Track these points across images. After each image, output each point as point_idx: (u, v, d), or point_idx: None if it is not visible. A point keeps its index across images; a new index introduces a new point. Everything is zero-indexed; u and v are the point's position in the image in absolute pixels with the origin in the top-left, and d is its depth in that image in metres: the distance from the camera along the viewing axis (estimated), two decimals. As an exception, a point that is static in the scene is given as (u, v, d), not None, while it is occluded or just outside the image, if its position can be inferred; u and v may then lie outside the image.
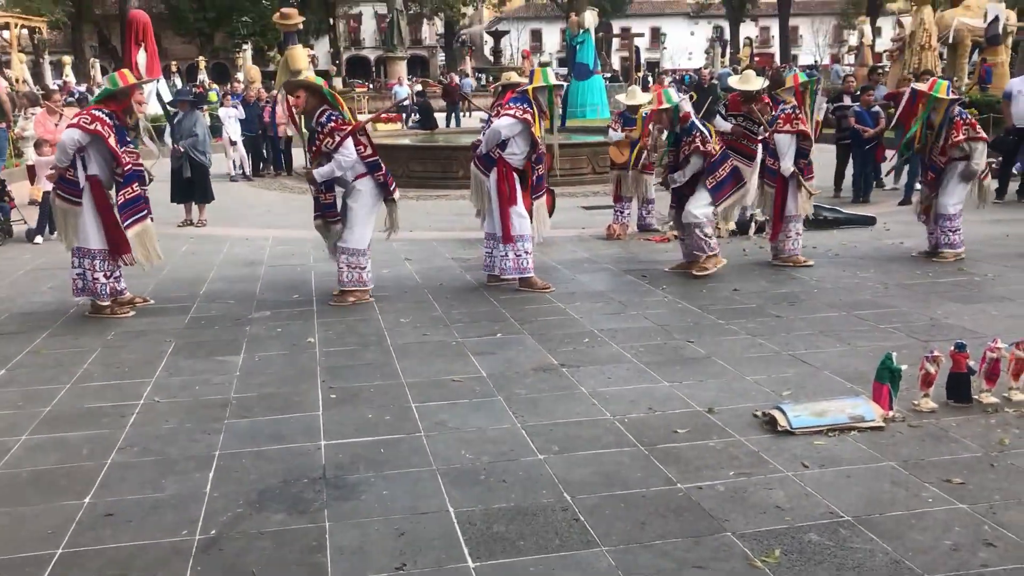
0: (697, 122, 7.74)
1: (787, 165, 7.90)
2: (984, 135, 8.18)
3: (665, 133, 8.21)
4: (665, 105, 7.83)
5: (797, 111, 7.97)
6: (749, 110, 9.94)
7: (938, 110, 8.07)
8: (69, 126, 6.62)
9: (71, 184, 6.60)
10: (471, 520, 3.40)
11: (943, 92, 8.06)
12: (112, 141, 6.47)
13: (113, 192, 6.69)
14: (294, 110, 7.02)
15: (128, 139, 6.77)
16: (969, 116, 8.20)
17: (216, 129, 16.17)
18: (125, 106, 6.72)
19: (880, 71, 14.63)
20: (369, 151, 6.94)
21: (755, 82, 10.13)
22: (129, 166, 6.61)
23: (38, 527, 3.41)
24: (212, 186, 11.62)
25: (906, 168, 11.84)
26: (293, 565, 3.12)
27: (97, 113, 6.53)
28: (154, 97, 12.73)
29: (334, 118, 6.82)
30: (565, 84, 7.89)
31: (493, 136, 7.24)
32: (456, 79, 35.32)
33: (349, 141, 6.78)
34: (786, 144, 7.91)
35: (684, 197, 7.84)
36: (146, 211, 6.81)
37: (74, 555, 3.20)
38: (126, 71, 7.21)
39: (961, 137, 7.96)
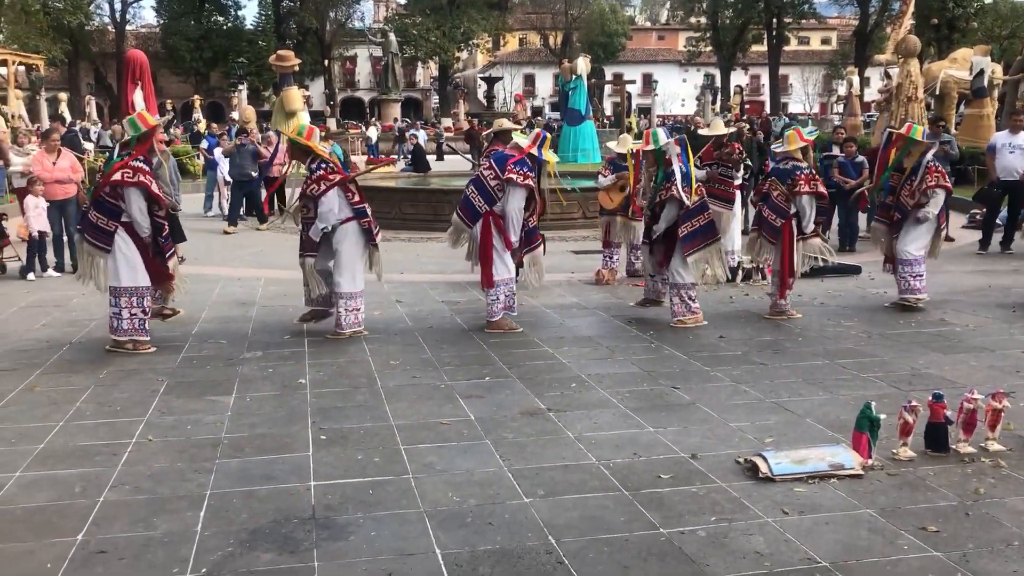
0: (677, 169, 7.74)
1: (810, 226, 7.98)
2: (949, 186, 8.31)
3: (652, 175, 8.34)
4: (650, 146, 7.96)
5: (812, 171, 8.06)
6: (720, 155, 10.20)
7: (912, 154, 8.24)
8: (119, 182, 6.74)
9: (103, 232, 6.81)
10: (457, 562, 3.47)
11: (919, 135, 8.25)
12: (155, 188, 6.78)
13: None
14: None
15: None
16: (941, 166, 8.35)
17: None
18: (149, 147, 7.00)
19: (942, 122, 14.74)
20: (357, 198, 7.24)
21: (722, 128, 10.59)
22: (173, 202, 6.97)
23: (31, 564, 3.47)
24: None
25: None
26: (282, 604, 3.18)
27: (135, 164, 6.76)
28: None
29: (323, 167, 7.15)
30: (556, 157, 8.15)
31: (517, 215, 7.41)
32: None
33: (332, 193, 7.08)
34: (808, 205, 7.93)
35: (657, 240, 7.97)
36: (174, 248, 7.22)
37: (66, 592, 3.26)
38: (144, 113, 7.46)
39: (932, 183, 8.11)
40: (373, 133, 34.60)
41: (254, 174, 15.61)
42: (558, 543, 3.62)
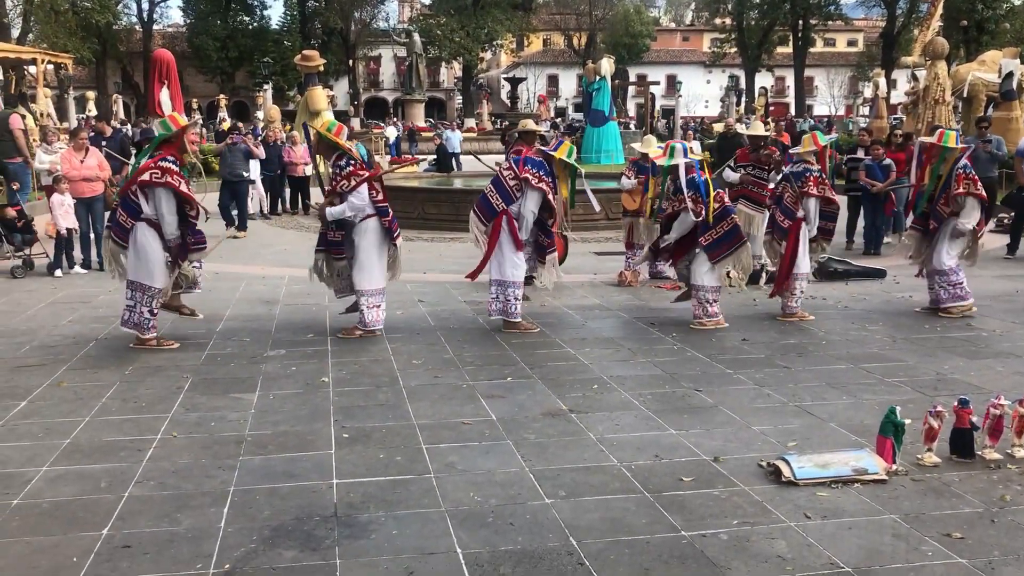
0: (698, 179, 7.70)
1: (814, 230, 7.98)
2: (983, 193, 8.21)
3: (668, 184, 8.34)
4: (663, 161, 7.96)
5: (823, 175, 8.04)
6: (757, 159, 10.18)
7: (948, 160, 8.15)
8: (147, 183, 6.80)
9: (122, 228, 6.92)
10: (478, 562, 3.48)
11: (952, 142, 8.16)
12: (184, 187, 6.80)
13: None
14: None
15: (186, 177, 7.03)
16: (972, 172, 8.25)
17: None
18: (180, 147, 7.01)
19: (985, 123, 14.19)
20: (381, 196, 7.29)
21: (761, 130, 10.60)
22: (202, 206, 7.00)
23: (57, 557, 3.51)
24: None
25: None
26: (304, 601, 3.20)
27: (163, 164, 6.79)
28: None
29: (352, 163, 7.18)
30: (580, 170, 8.13)
31: (530, 218, 7.50)
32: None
33: (364, 187, 7.11)
34: (813, 208, 7.93)
35: (685, 250, 7.96)
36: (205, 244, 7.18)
37: (92, 586, 3.29)
38: (175, 114, 7.52)
39: (961, 190, 8.03)
40: (392, 133, 34.79)
41: (245, 174, 15.03)
42: (579, 544, 3.62)
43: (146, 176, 6.80)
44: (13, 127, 12.57)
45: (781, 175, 8.98)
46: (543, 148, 7.81)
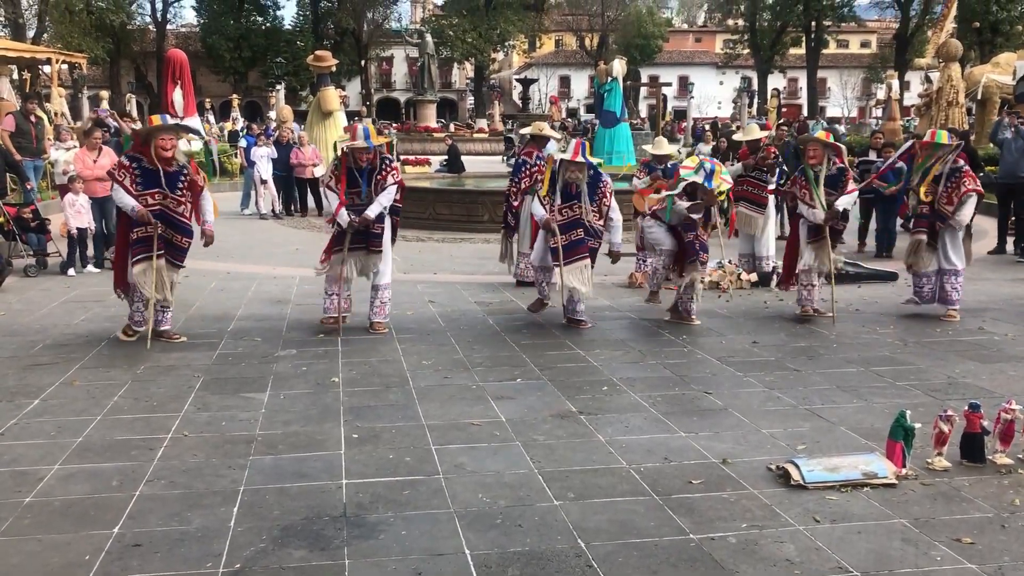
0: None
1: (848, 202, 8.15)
2: (981, 189, 8.18)
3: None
4: (692, 179, 7.96)
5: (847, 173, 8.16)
6: (756, 160, 10.18)
7: (942, 158, 8.10)
8: (110, 176, 7.23)
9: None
10: (486, 563, 3.49)
11: (944, 139, 8.11)
12: (127, 183, 6.90)
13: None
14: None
15: (162, 182, 6.97)
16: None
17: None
18: (143, 143, 7.05)
19: (1021, 120, 13.60)
20: (399, 196, 7.61)
21: (757, 132, 10.63)
22: (140, 211, 6.85)
23: (70, 555, 3.53)
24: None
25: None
26: (313, 601, 3.21)
27: (122, 160, 7.11)
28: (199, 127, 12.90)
29: (394, 163, 7.57)
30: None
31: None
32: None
33: (395, 187, 7.44)
34: (849, 201, 8.09)
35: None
36: (150, 252, 6.93)
37: (103, 584, 3.31)
38: (155, 116, 7.50)
39: (970, 186, 8.00)
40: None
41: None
42: (587, 546, 3.63)
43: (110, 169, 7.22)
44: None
45: (784, 177, 9.03)
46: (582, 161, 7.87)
